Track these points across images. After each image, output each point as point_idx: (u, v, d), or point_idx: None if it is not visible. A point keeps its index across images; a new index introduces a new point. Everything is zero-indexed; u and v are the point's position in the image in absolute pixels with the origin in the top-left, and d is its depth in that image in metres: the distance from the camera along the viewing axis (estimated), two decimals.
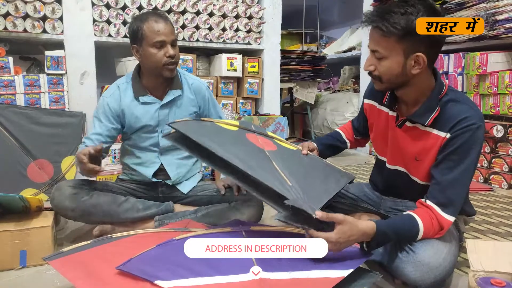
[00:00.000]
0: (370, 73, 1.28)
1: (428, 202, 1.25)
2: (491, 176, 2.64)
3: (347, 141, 1.69)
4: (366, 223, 1.17)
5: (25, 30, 2.39)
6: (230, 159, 1.22)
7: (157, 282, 1.05)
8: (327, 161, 1.58)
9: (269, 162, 1.33)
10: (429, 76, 1.28)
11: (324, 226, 1.14)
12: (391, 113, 1.40)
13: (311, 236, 1.13)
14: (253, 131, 1.52)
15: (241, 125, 1.52)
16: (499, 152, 2.60)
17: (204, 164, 1.55)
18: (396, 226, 1.21)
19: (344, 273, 1.10)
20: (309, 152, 1.54)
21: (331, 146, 1.67)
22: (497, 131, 2.55)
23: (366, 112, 1.54)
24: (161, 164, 1.76)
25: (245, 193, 1.72)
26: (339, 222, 1.13)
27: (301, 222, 1.15)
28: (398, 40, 1.18)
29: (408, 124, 1.34)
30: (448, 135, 1.24)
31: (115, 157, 2.55)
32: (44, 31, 2.45)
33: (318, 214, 1.11)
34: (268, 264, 1.15)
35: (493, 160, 2.63)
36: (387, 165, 1.47)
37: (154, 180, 1.77)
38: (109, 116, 1.70)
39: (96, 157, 1.50)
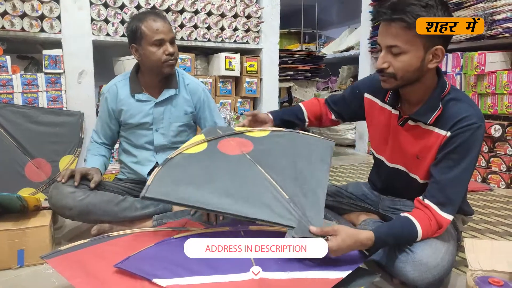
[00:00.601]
0: (381, 71, 1.25)
1: (427, 201, 1.25)
2: (489, 176, 2.64)
3: (307, 120, 1.64)
4: (364, 234, 1.17)
5: (22, 29, 2.38)
6: (224, 209, 1.20)
7: (155, 280, 1.04)
8: (300, 132, 1.57)
9: (255, 168, 1.33)
10: (434, 74, 1.28)
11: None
12: (393, 111, 1.39)
13: None
14: (221, 137, 1.49)
15: (208, 138, 1.49)
16: (497, 152, 2.61)
17: None
18: (395, 233, 1.21)
19: (343, 274, 1.10)
20: (281, 129, 1.54)
21: (288, 122, 1.62)
22: (495, 130, 2.56)
23: (365, 107, 1.52)
24: (157, 162, 1.77)
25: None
26: (333, 234, 1.14)
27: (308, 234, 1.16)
28: (417, 34, 1.15)
29: (410, 122, 1.33)
30: (449, 134, 1.24)
31: (113, 156, 2.55)
32: (42, 30, 2.44)
33: (312, 229, 1.15)
34: (266, 264, 1.15)
35: (491, 159, 2.63)
36: (387, 164, 1.47)
37: None
38: (108, 114, 1.78)
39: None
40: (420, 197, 1.28)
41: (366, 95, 1.51)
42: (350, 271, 1.12)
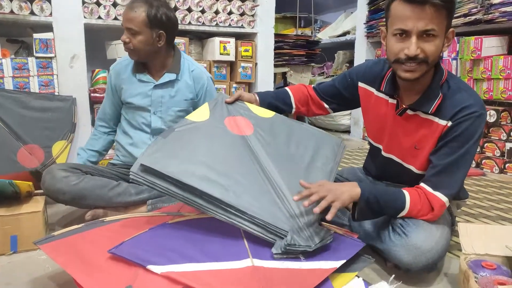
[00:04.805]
0: (411, 59, 1.16)
1: (421, 184, 1.26)
2: (483, 161, 2.66)
3: (294, 106, 1.58)
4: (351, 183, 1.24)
5: (12, 12, 2.32)
6: (229, 218, 1.16)
7: (150, 267, 1.03)
8: (304, 124, 1.56)
9: (251, 157, 1.31)
10: None
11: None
12: (390, 100, 1.36)
13: None
14: (227, 114, 1.45)
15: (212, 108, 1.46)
16: (491, 137, 2.61)
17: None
18: (379, 190, 1.25)
19: (337, 264, 1.10)
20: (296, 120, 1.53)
21: (276, 108, 1.56)
22: (490, 116, 2.56)
23: (360, 96, 1.49)
24: None
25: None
26: (319, 184, 1.20)
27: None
28: (447, 16, 1.15)
29: (409, 112, 1.31)
30: (450, 123, 1.23)
31: None
32: (32, 13, 2.38)
33: (295, 198, 1.18)
34: (262, 253, 1.14)
35: (485, 145, 2.64)
36: (382, 153, 1.46)
37: None
38: (111, 91, 1.83)
39: None
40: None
41: (360, 84, 1.47)
42: (344, 261, 1.12)
